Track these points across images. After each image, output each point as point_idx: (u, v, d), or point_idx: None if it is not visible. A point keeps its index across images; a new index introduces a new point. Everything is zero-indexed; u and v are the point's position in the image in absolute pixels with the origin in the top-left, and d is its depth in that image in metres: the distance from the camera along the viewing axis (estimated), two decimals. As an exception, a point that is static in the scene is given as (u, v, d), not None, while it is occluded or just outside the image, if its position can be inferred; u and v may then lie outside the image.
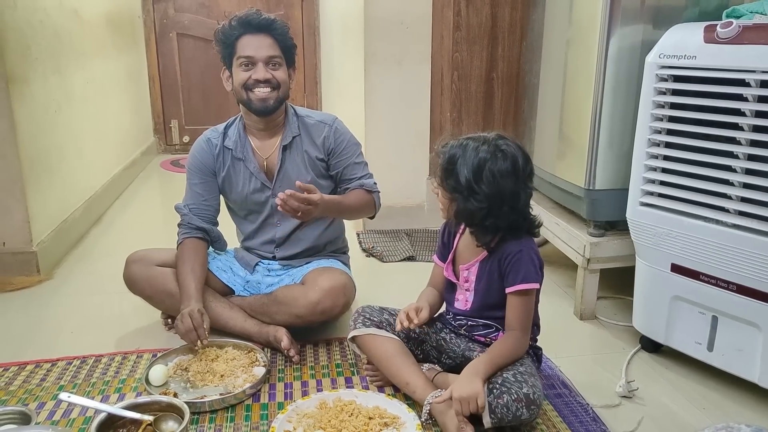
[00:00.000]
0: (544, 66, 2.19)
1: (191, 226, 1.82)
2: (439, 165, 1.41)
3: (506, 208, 1.37)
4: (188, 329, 1.61)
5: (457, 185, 1.37)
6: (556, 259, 2.39)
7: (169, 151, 4.65)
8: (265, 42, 1.75)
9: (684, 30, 1.60)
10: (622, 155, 1.83)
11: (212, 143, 1.85)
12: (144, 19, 4.40)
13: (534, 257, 1.42)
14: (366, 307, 1.62)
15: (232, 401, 1.50)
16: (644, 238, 1.70)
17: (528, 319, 1.44)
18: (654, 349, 1.78)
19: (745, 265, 1.48)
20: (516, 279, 1.40)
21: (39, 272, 2.30)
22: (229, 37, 1.76)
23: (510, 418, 1.30)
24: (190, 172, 1.86)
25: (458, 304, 1.53)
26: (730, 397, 1.58)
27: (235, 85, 1.77)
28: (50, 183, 2.49)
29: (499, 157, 1.35)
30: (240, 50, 1.75)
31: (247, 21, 1.75)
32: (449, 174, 1.38)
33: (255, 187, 1.83)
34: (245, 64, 1.74)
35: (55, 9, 2.65)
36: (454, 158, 1.38)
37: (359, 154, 1.87)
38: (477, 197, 1.35)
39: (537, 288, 1.42)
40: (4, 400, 1.54)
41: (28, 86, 2.33)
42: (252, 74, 1.74)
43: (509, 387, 1.32)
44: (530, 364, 1.43)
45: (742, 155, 1.47)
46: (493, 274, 1.45)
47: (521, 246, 1.41)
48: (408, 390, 1.48)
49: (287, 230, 1.87)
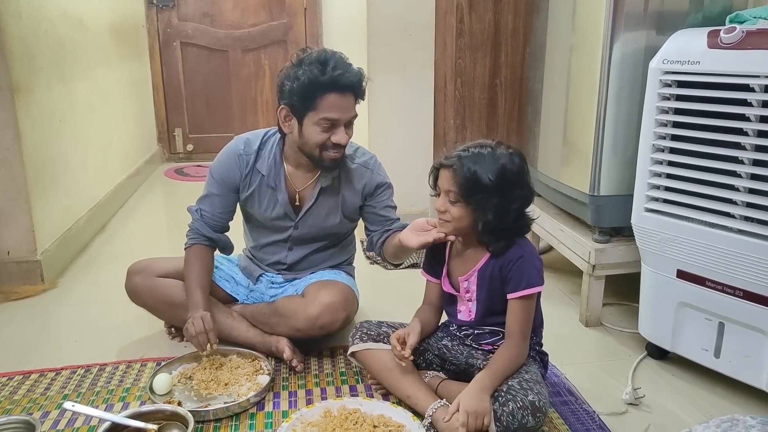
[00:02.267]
0: (547, 72, 2.19)
1: (200, 233, 1.79)
2: (458, 183, 1.38)
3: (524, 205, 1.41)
4: (198, 332, 1.60)
5: (484, 196, 1.36)
6: (561, 266, 2.38)
7: (173, 160, 4.66)
8: (349, 103, 1.61)
9: (687, 35, 1.60)
10: (626, 161, 1.83)
11: (243, 159, 1.74)
12: (148, 28, 4.42)
13: (535, 261, 1.42)
14: (364, 322, 1.62)
15: (236, 410, 1.49)
16: (649, 244, 1.69)
17: (528, 325, 1.43)
18: (660, 356, 1.77)
19: (752, 271, 1.47)
20: (519, 284, 1.40)
21: (43, 281, 2.30)
22: (314, 93, 1.56)
23: (516, 426, 1.29)
24: (211, 179, 1.78)
25: (461, 316, 1.52)
26: (737, 404, 1.56)
27: (307, 140, 1.63)
28: (54, 192, 2.50)
29: (509, 158, 1.39)
30: (324, 110, 1.57)
31: (338, 81, 1.56)
32: (473, 190, 1.36)
33: (278, 215, 1.78)
34: (327, 124, 1.59)
35: (60, 19, 2.67)
36: (474, 173, 1.36)
37: (391, 195, 1.83)
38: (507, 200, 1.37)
39: (539, 291, 1.42)
40: (8, 409, 1.54)
41: (33, 96, 2.34)
42: (332, 137, 1.60)
43: (515, 395, 1.31)
44: (536, 371, 1.42)
45: (747, 160, 1.46)
46: (494, 281, 1.44)
47: (523, 251, 1.41)
48: (410, 402, 1.47)
49: (299, 255, 1.84)
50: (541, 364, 1.50)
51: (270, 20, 4.58)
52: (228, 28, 4.54)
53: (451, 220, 1.41)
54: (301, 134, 1.64)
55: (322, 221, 1.77)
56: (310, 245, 1.84)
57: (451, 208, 1.40)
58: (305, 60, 1.58)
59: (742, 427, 1.09)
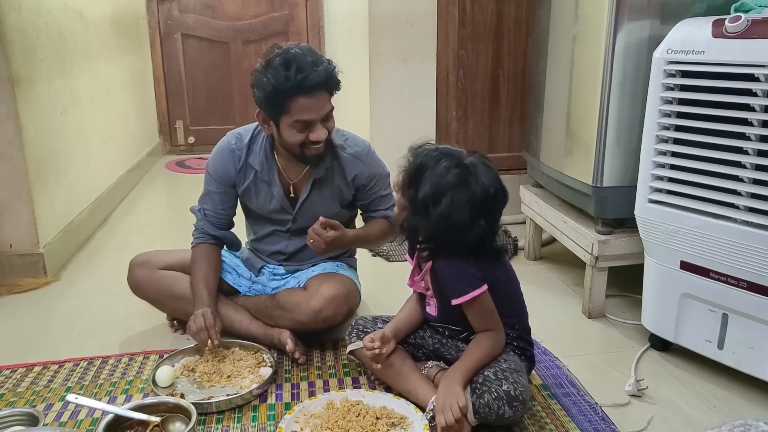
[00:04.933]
0: (550, 63, 2.17)
1: (205, 232, 1.80)
2: (406, 169, 1.36)
3: (448, 238, 1.33)
4: (200, 328, 1.61)
5: (413, 198, 1.33)
6: (564, 258, 2.38)
7: (175, 152, 4.65)
8: (321, 99, 1.57)
9: (692, 25, 1.59)
10: (629, 152, 1.82)
11: (236, 155, 1.75)
12: (148, 20, 4.40)
13: (463, 266, 1.35)
14: (359, 319, 1.62)
15: (239, 402, 1.49)
16: (653, 235, 1.68)
17: (491, 320, 1.40)
18: (663, 347, 1.77)
19: (756, 262, 1.46)
20: (454, 293, 1.36)
21: (46, 274, 2.30)
22: (282, 99, 1.54)
23: (494, 417, 1.29)
24: (208, 177, 1.79)
25: (429, 310, 1.50)
26: (741, 396, 1.56)
27: (286, 140, 1.62)
28: (56, 185, 2.50)
29: (464, 187, 1.30)
30: (296, 113, 1.55)
31: (303, 84, 1.52)
32: (412, 183, 1.35)
33: (275, 209, 1.79)
34: (302, 126, 1.58)
35: (60, 11, 2.65)
36: (423, 169, 1.33)
37: (387, 185, 1.82)
38: (427, 217, 1.32)
39: (482, 292, 1.35)
40: (11, 401, 1.54)
41: (34, 88, 2.33)
42: (310, 135, 1.59)
43: (489, 386, 1.30)
44: (515, 360, 1.40)
45: (752, 151, 1.45)
46: (438, 285, 1.43)
47: (443, 260, 1.37)
48: (411, 397, 1.47)
49: (298, 245, 1.85)
50: (523, 358, 1.46)
51: (271, 11, 4.56)
52: (229, 19, 4.52)
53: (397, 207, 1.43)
54: (280, 136, 1.63)
55: (320, 212, 1.77)
56: None
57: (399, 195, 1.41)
58: (270, 64, 1.55)
59: (754, 432, 1.08)
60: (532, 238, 2.47)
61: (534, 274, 2.35)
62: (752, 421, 1.11)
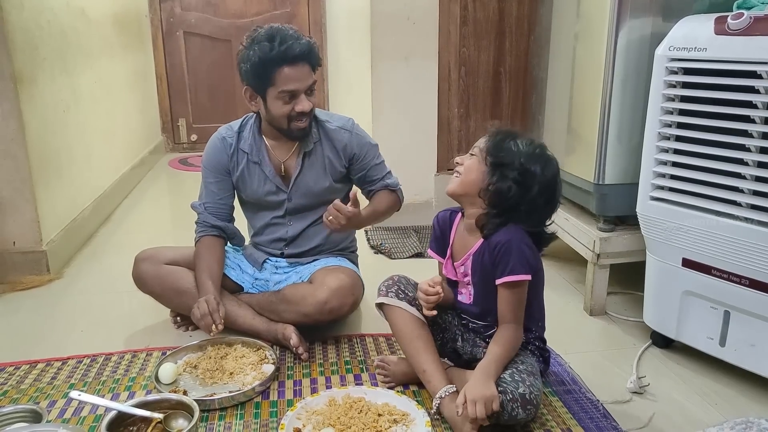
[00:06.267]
0: (552, 60, 2.17)
1: (207, 224, 1.83)
2: (492, 134, 1.40)
3: (536, 203, 1.36)
4: (204, 314, 1.61)
5: (505, 158, 1.36)
6: (566, 255, 2.38)
7: (177, 150, 4.66)
8: (305, 71, 1.67)
9: (694, 22, 1.58)
10: (631, 149, 1.82)
11: (227, 142, 1.82)
12: (151, 18, 4.41)
13: (524, 248, 1.37)
14: (402, 278, 1.56)
15: (241, 399, 1.50)
16: (655, 232, 1.68)
17: (520, 311, 1.41)
18: (665, 344, 1.77)
19: (758, 259, 1.46)
20: (504, 270, 1.37)
21: (49, 271, 2.31)
22: (267, 70, 1.64)
23: (506, 418, 1.30)
24: (205, 170, 1.86)
25: (462, 298, 1.51)
26: (742, 393, 1.56)
27: (273, 114, 1.70)
28: (59, 182, 2.50)
29: (550, 161, 1.39)
30: (281, 84, 1.65)
31: (286, 54, 1.62)
32: (500, 146, 1.38)
33: (270, 190, 1.82)
34: (287, 96, 1.67)
35: (62, 9, 2.66)
36: (513, 135, 1.39)
37: (378, 155, 1.87)
38: (525, 190, 1.35)
39: (527, 280, 1.38)
40: (15, 398, 1.55)
41: (37, 86, 2.34)
42: (295, 107, 1.67)
43: (506, 387, 1.30)
44: (532, 362, 1.41)
45: (754, 148, 1.45)
46: (486, 266, 1.42)
47: (510, 235, 1.37)
48: (423, 378, 1.46)
49: (298, 229, 1.87)
50: (540, 359, 1.48)
51: (273, 9, 4.56)
52: (231, 17, 4.52)
53: (461, 173, 1.41)
54: (267, 110, 1.71)
55: (313, 186, 1.80)
56: (307, 216, 1.86)
57: (467, 160, 1.42)
58: (255, 39, 1.66)
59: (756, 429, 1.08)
60: (534, 235, 2.47)
61: (536, 271, 2.35)
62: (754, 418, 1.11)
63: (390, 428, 1.37)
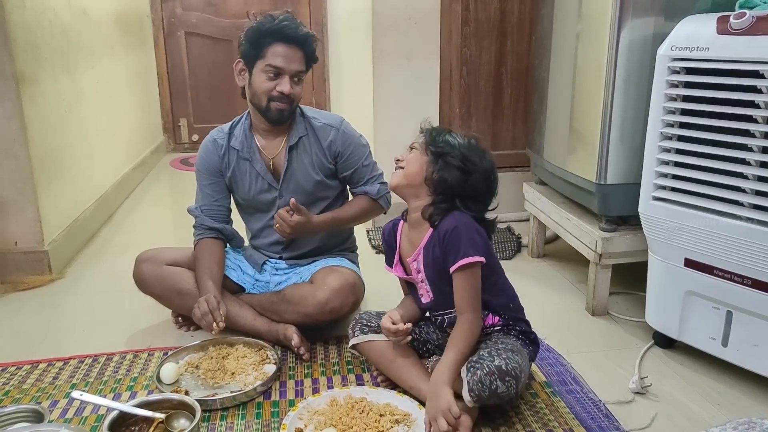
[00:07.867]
0: (553, 60, 2.17)
1: (205, 226, 1.83)
2: (428, 130, 1.48)
3: (477, 188, 1.42)
4: (204, 312, 1.61)
5: (446, 148, 1.42)
6: (568, 255, 2.38)
7: (179, 150, 4.66)
8: (296, 56, 1.71)
9: (696, 21, 1.58)
10: (633, 149, 1.81)
11: (218, 144, 1.83)
12: (152, 18, 4.41)
13: (472, 232, 1.39)
14: (363, 314, 1.62)
15: (243, 399, 1.50)
16: (657, 232, 1.68)
17: (476, 299, 1.41)
18: (667, 344, 1.76)
19: (760, 259, 1.46)
20: (457, 255, 1.37)
21: (50, 271, 2.31)
22: (261, 40, 1.69)
23: (487, 393, 1.29)
24: (198, 173, 1.87)
25: (423, 299, 1.52)
26: (745, 393, 1.56)
27: (255, 89, 1.73)
28: (61, 182, 2.51)
29: (486, 151, 1.47)
30: (270, 58, 1.69)
31: (283, 31, 1.68)
32: (439, 139, 1.44)
33: (262, 188, 1.83)
34: (272, 73, 1.70)
35: (64, 9, 2.66)
36: (448, 130, 1.47)
37: (367, 156, 1.85)
38: (463, 164, 1.40)
39: (481, 261, 1.38)
40: (17, 398, 1.55)
41: (38, 86, 2.34)
42: (277, 86, 1.70)
43: (482, 363, 1.31)
44: (514, 342, 1.41)
45: (757, 148, 1.45)
46: (438, 259, 1.43)
47: (456, 221, 1.39)
48: (414, 393, 1.47)
49: None
50: (526, 342, 1.48)
51: (274, 9, 4.55)
52: (232, 17, 4.53)
53: (404, 167, 1.45)
54: (251, 84, 1.74)
55: (303, 182, 1.80)
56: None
57: (407, 155, 1.46)
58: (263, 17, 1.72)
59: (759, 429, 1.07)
60: (536, 235, 2.47)
61: (537, 271, 2.35)
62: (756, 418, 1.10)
63: (392, 428, 1.37)
